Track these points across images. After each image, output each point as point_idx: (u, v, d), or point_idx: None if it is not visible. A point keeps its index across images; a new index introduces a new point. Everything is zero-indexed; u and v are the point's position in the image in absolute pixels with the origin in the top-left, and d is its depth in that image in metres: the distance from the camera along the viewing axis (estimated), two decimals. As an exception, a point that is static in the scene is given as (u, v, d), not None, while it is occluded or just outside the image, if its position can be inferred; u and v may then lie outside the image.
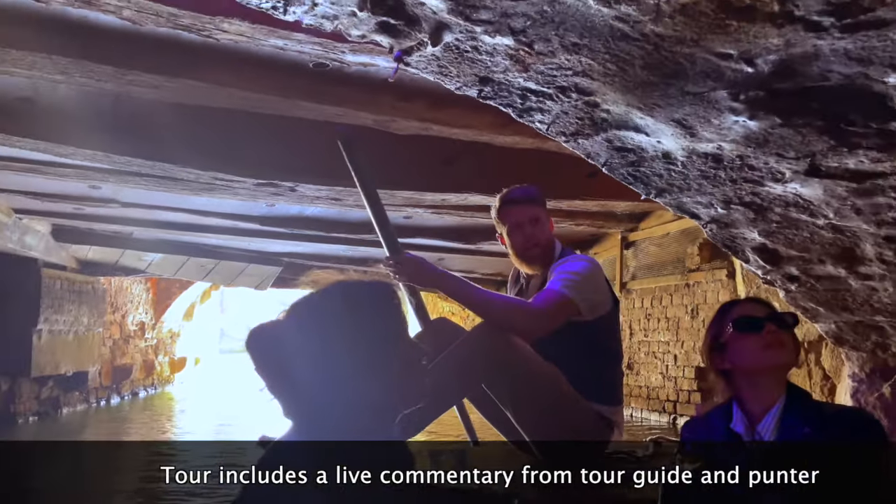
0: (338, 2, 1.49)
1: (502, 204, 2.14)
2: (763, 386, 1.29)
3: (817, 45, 1.18)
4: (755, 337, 1.30)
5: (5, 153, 3.38)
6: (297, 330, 0.95)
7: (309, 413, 0.94)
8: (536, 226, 2.10)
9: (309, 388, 0.93)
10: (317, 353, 0.93)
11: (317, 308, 0.97)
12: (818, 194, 1.72)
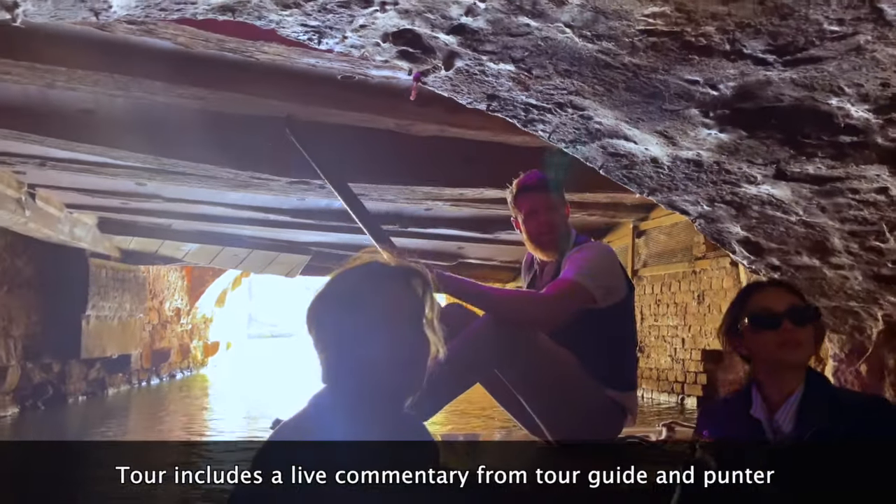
0: (364, 35, 1.72)
1: (518, 190, 2.09)
2: (781, 375, 1.25)
3: (767, 74, 1.38)
4: (771, 333, 1.24)
5: (65, 156, 3.68)
6: (330, 298, 1.01)
7: (336, 374, 0.98)
8: (552, 212, 2.06)
9: (337, 350, 0.98)
10: (340, 322, 0.98)
11: (340, 282, 1.02)
12: (787, 195, 1.91)
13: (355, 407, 0.97)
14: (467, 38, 1.59)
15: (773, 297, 1.30)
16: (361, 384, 0.97)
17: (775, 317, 1.25)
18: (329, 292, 1.02)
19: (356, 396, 0.97)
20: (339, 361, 0.98)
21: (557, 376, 1.91)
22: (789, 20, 1.17)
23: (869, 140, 1.49)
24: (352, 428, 0.96)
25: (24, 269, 6.18)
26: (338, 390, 0.98)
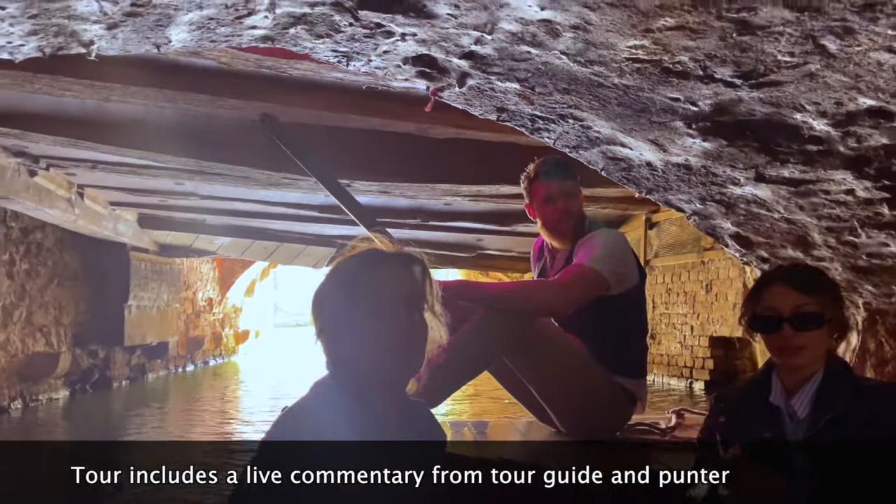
0: (387, 59, 1.93)
1: (535, 176, 2.04)
2: (797, 366, 1.21)
3: (737, 94, 1.56)
4: (772, 337, 1.22)
5: (113, 159, 3.96)
6: (328, 286, 1.02)
7: (335, 361, 0.99)
8: (570, 199, 2.02)
9: (335, 337, 0.98)
10: (336, 309, 0.99)
11: (338, 270, 1.02)
12: (769, 195, 2.08)
13: (354, 392, 0.96)
14: (477, 62, 1.79)
15: (779, 295, 1.24)
16: (357, 370, 0.96)
17: (777, 320, 1.21)
18: (328, 281, 1.02)
19: (353, 382, 0.96)
20: (337, 348, 0.98)
21: (566, 364, 1.86)
22: (748, 52, 1.35)
23: (832, 149, 1.66)
24: (350, 413, 0.94)
25: (72, 263, 6.53)
26: (337, 376, 0.98)
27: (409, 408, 1.02)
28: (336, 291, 1.00)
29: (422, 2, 1.50)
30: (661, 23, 1.32)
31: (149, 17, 1.56)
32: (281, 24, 1.72)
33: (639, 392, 1.99)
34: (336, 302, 0.99)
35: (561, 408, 1.91)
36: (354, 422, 0.93)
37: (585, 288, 1.87)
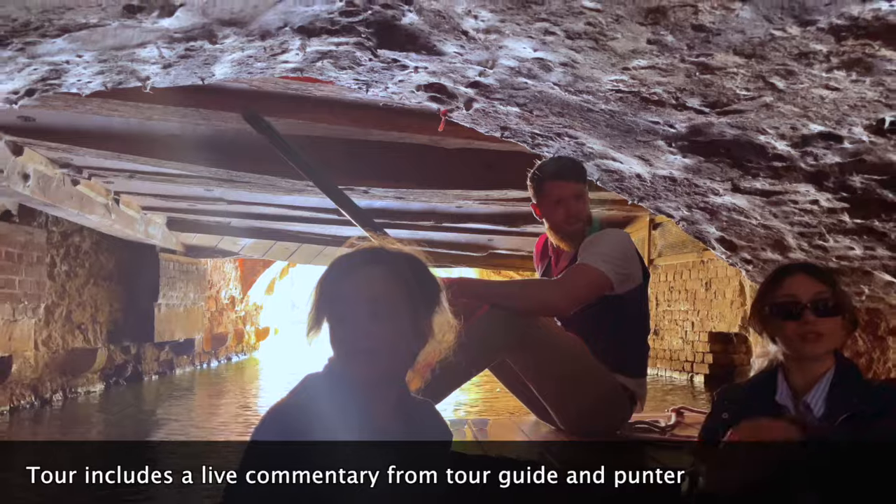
0: (402, 86, 2.15)
1: (548, 177, 1.99)
2: (807, 363, 1.20)
3: (708, 119, 1.76)
4: (793, 324, 1.19)
5: (149, 169, 4.22)
6: (321, 283, 1.00)
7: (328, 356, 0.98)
8: (579, 201, 1.97)
9: (329, 335, 0.97)
10: (326, 305, 0.98)
11: (331, 267, 1.00)
12: (746, 204, 2.27)
13: (345, 388, 0.94)
14: (481, 89, 2.00)
15: (799, 284, 1.22)
16: (346, 366, 0.95)
17: (797, 306, 1.19)
18: (322, 277, 1.00)
19: (343, 378, 0.95)
20: (331, 344, 0.97)
21: (566, 362, 1.82)
22: (711, 87, 1.55)
23: (794, 165, 1.85)
24: (338, 409, 0.92)
25: (107, 265, 6.83)
26: (328, 371, 0.97)
27: (410, 406, 0.99)
28: (327, 288, 0.98)
29: (431, 42, 1.72)
30: (636, 63, 1.52)
31: (198, 58, 1.79)
32: (309, 58, 1.95)
33: (639, 391, 1.94)
34: (327, 298, 0.97)
35: (561, 406, 1.87)
36: (341, 417, 0.91)
37: (589, 287, 1.83)
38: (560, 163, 2.05)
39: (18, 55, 1.45)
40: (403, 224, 6.72)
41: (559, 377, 1.84)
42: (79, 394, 5.96)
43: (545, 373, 1.84)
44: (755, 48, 1.31)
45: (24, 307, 4.67)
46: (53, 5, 1.24)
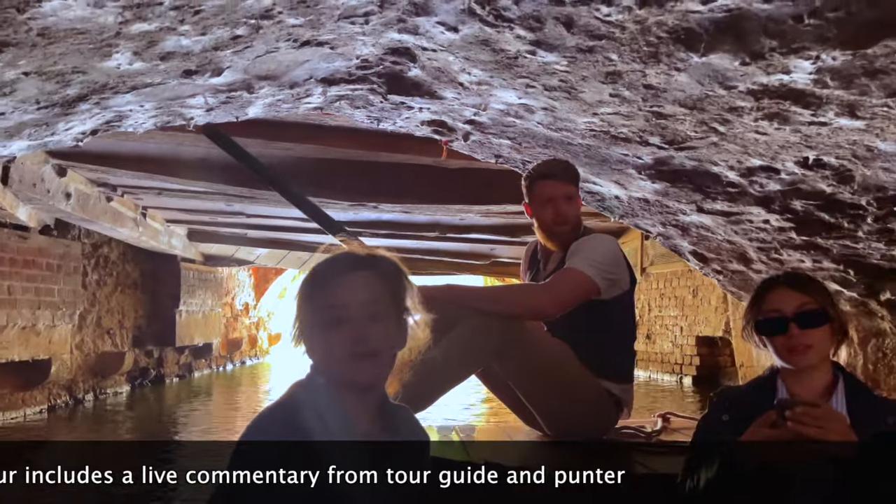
0: (408, 121, 2.42)
1: (539, 177, 1.94)
2: (805, 372, 1.16)
3: (669, 153, 2.02)
4: (780, 339, 1.15)
5: (177, 187, 4.51)
6: (299, 292, 0.98)
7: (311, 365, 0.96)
8: (569, 203, 1.92)
9: (306, 341, 0.96)
10: (304, 313, 0.96)
11: (308, 276, 0.99)
12: (710, 222, 2.52)
13: (328, 396, 0.93)
14: (477, 126, 2.28)
15: (782, 297, 1.18)
16: (344, 372, 0.93)
17: (782, 321, 1.15)
18: (307, 285, 0.98)
19: (326, 386, 0.94)
20: (308, 353, 0.96)
21: (551, 367, 1.80)
22: (667, 129, 1.82)
23: (745, 191, 2.11)
24: (324, 415, 0.91)
25: (132, 273, 7.14)
26: (312, 379, 0.96)
27: (389, 412, 0.97)
28: (305, 296, 0.96)
29: (433, 89, 1.99)
30: (603, 110, 1.79)
31: (236, 104, 2.07)
32: (329, 100, 2.23)
33: (625, 397, 1.91)
34: (305, 306, 0.95)
35: (547, 411, 1.84)
36: (328, 424, 0.90)
37: (574, 292, 1.81)
38: (552, 163, 2.00)
39: (93, 107, 1.74)
40: (410, 235, 7.00)
41: (545, 382, 1.80)
42: (108, 394, 6.25)
43: (531, 378, 1.79)
44: (695, 102, 1.58)
45: (62, 313, 4.96)
46: (129, 72, 1.52)
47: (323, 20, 1.44)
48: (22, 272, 4.27)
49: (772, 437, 1.05)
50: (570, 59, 1.49)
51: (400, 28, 1.54)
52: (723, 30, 1.22)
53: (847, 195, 1.86)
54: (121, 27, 1.21)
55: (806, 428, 1.03)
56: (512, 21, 1.34)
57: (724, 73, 1.37)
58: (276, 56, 1.66)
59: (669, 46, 1.32)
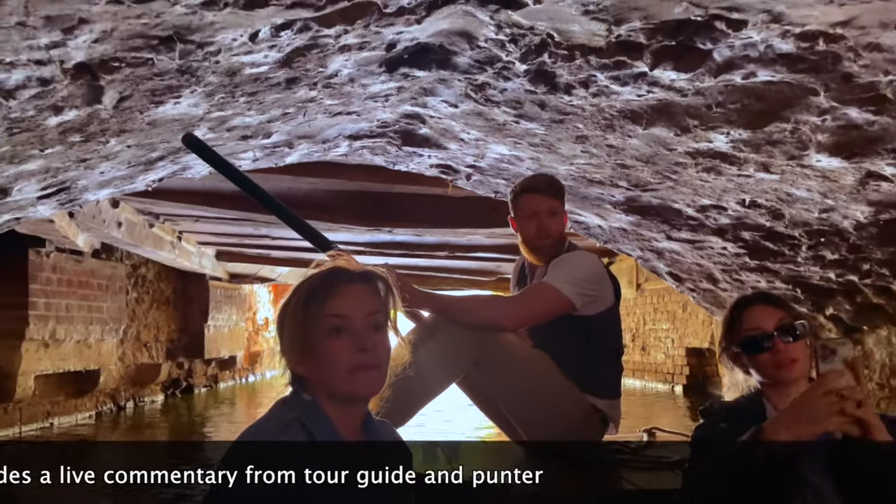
0: (419, 165, 2.78)
1: (522, 190, 1.87)
2: (788, 388, 1.12)
3: (636, 193, 2.35)
4: (766, 355, 1.12)
5: (212, 215, 4.91)
6: (288, 305, 0.94)
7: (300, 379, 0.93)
8: (552, 218, 1.85)
9: (297, 356, 0.92)
10: (295, 326, 0.92)
11: (298, 289, 0.95)
12: (680, 248, 2.85)
13: (315, 412, 0.90)
14: (476, 169, 2.63)
15: (760, 314, 1.16)
16: (323, 387, 0.90)
17: (766, 338, 1.13)
18: (288, 300, 0.94)
19: (313, 402, 0.91)
20: (299, 367, 0.91)
21: (532, 378, 1.73)
22: (631, 176, 2.15)
23: (703, 223, 2.44)
24: (312, 432, 0.88)
25: (166, 291, 7.54)
26: (297, 395, 0.92)
27: (374, 427, 0.95)
28: (296, 310, 0.92)
29: (440, 142, 2.35)
30: (578, 161, 2.13)
31: (277, 155, 2.44)
32: (353, 150, 2.59)
33: (612, 413, 1.84)
34: (296, 319, 0.91)
35: (529, 424, 1.76)
36: (315, 440, 0.88)
37: (543, 306, 1.73)
38: (536, 178, 1.94)
39: (168, 163, 2.11)
40: (421, 254, 7.36)
41: (525, 394, 1.74)
42: (145, 402, 6.61)
43: (511, 389, 1.72)
44: (648, 158, 1.92)
45: (109, 328, 5.35)
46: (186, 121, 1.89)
47: (353, 100, 1.80)
48: (77, 292, 4.67)
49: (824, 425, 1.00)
50: (547, 126, 1.84)
51: (412, 103, 1.90)
52: (657, 112, 1.56)
53: (782, 228, 2.18)
54: (205, 115, 1.58)
55: (874, 428, 0.99)
56: (499, 102, 1.70)
57: (664, 140, 1.72)
58: (314, 123, 2.02)
59: (620, 121, 1.67)
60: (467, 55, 1.43)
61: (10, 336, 4.01)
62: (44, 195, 1.91)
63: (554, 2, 1.08)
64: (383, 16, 1.12)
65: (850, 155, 1.48)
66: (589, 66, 1.35)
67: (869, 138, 1.39)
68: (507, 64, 1.42)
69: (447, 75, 1.56)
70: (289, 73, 1.39)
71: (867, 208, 1.78)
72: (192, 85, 1.26)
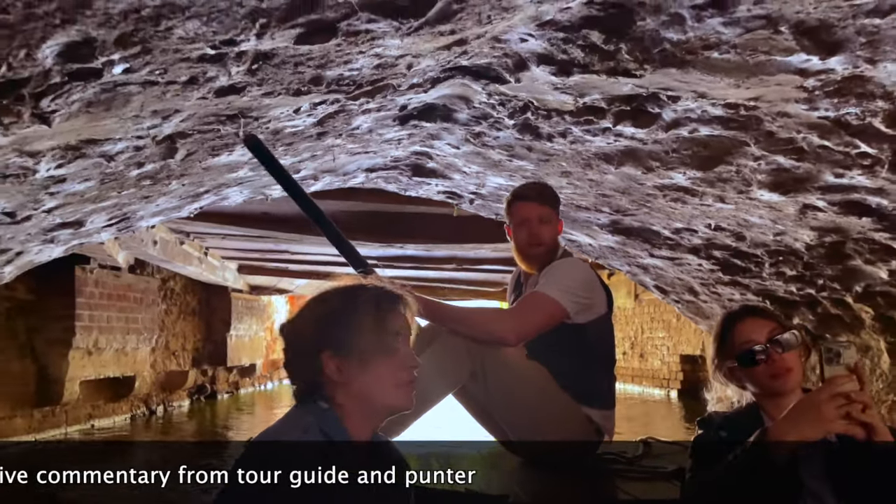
0: (427, 191, 3.05)
1: (513, 198, 1.83)
2: (783, 400, 1.10)
3: (618, 217, 2.61)
4: (762, 367, 1.10)
5: (238, 232, 5.21)
6: (317, 314, 0.92)
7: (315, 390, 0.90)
8: (543, 225, 1.79)
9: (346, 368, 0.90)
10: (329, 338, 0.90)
11: (329, 300, 0.93)
12: (662, 264, 3.09)
13: (333, 419, 0.89)
14: (478, 195, 2.89)
15: (752, 327, 1.14)
16: (386, 399, 0.90)
17: (760, 349, 1.10)
18: (316, 310, 0.92)
19: (330, 410, 0.89)
20: (334, 373, 0.89)
21: (528, 390, 1.69)
22: (611, 203, 2.41)
23: (679, 243, 2.68)
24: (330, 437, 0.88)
25: (192, 303, 7.86)
26: (316, 403, 0.90)
27: (379, 439, 0.95)
28: (362, 321, 0.90)
29: (445, 174, 2.62)
30: (566, 191, 2.38)
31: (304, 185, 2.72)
32: (369, 180, 2.87)
33: (606, 424, 1.79)
34: (360, 330, 0.90)
35: (524, 435, 1.73)
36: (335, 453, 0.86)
37: (541, 317, 1.68)
38: (529, 185, 1.89)
39: (212, 195, 2.40)
40: (430, 266, 7.63)
41: (521, 405, 1.70)
42: (174, 407, 6.91)
43: (506, 400, 1.69)
44: (624, 189, 2.18)
45: (143, 338, 5.65)
46: (243, 178, 2.17)
47: (370, 144, 2.08)
48: (116, 304, 4.98)
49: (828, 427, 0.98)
50: (535, 164, 2.10)
51: (421, 144, 2.17)
52: (625, 155, 1.82)
53: (746, 248, 2.42)
54: (249, 160, 1.86)
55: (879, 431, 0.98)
56: (493, 146, 1.97)
57: (634, 176, 1.97)
58: (337, 160, 2.30)
59: (596, 161, 1.93)
60: (465, 112, 1.70)
61: (58, 345, 4.32)
62: (108, 224, 2.19)
63: (531, 80, 1.35)
64: (397, 90, 1.40)
65: (786, 191, 1.73)
66: (564, 121, 1.61)
67: (797, 179, 1.64)
68: (497, 119, 1.69)
69: (449, 126, 1.84)
70: (320, 129, 1.67)
71: (811, 232, 2.02)
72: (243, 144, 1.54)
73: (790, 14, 0.95)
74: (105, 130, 1.13)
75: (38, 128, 0.96)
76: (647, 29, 1.04)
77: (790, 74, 1.14)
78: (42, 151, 1.13)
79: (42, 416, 4.37)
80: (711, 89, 1.25)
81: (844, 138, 1.36)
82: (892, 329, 2.45)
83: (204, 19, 0.79)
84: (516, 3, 0.94)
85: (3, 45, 0.70)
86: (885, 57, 1.03)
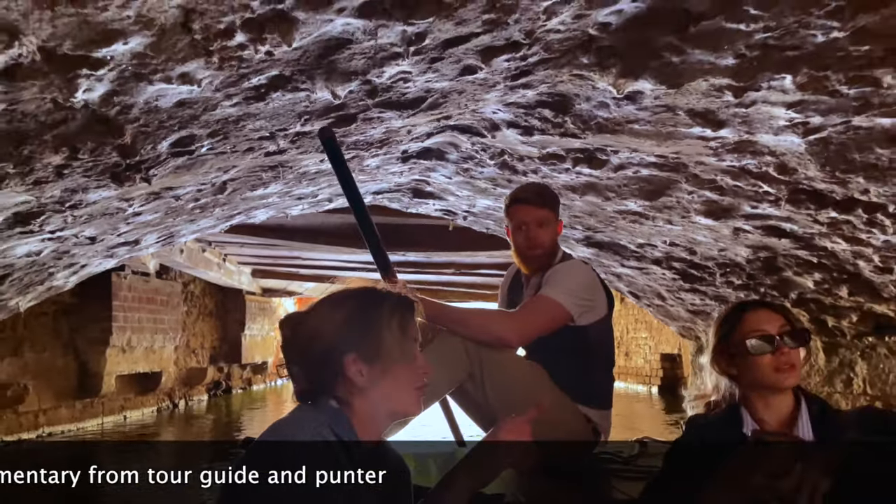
0: (426, 209, 3.38)
1: (512, 201, 1.79)
2: (773, 397, 1.08)
3: (590, 234, 2.93)
4: (768, 357, 1.06)
5: (255, 241, 5.55)
6: (331, 316, 0.90)
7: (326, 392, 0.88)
8: (542, 228, 1.75)
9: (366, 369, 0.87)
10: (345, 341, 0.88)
11: (330, 303, 0.92)
12: (632, 273, 3.40)
13: (343, 419, 0.87)
14: (470, 213, 3.22)
15: (765, 318, 1.10)
16: (402, 405, 0.89)
17: (771, 339, 1.07)
18: (336, 313, 0.90)
19: (341, 410, 0.88)
20: (357, 375, 0.88)
21: (526, 390, 1.66)
22: (584, 223, 2.73)
23: (644, 255, 3.00)
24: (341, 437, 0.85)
25: (209, 305, 8.20)
26: (325, 402, 0.88)
27: (379, 443, 0.94)
28: (391, 324, 0.90)
29: (441, 196, 2.94)
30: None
31: (319, 206, 3.05)
32: (376, 199, 3.20)
33: (602, 423, 1.77)
34: (388, 334, 0.89)
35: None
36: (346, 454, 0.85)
37: (542, 320, 1.67)
38: (527, 188, 1.83)
39: (243, 216, 2.73)
40: (431, 271, 7.95)
41: (519, 405, 1.64)
42: (194, 401, 7.24)
43: (504, 400, 1.64)
44: (591, 212, 2.50)
45: (168, 337, 5.99)
46: (270, 202, 2.51)
47: (377, 175, 2.41)
48: (145, 307, 5.32)
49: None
50: (516, 191, 2.43)
51: (420, 174, 2.50)
52: (587, 187, 2.15)
53: (699, 260, 2.74)
54: (279, 191, 2.19)
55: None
56: (479, 178, 2.30)
57: (597, 203, 2.30)
58: (349, 187, 2.63)
59: (565, 191, 2.25)
60: (455, 154, 2.03)
61: (98, 343, 4.66)
62: (157, 241, 2.53)
63: (503, 137, 1.68)
64: (399, 144, 1.73)
65: (717, 217, 2.06)
66: (535, 163, 1.94)
67: (724, 208, 1.97)
68: (481, 160, 2.02)
69: (443, 163, 2.17)
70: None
71: (747, 249, 2.34)
72: (277, 181, 1.88)
73: (683, 104, 1.28)
74: (181, 181, 1.47)
75: (141, 184, 1.29)
76: (584, 109, 1.37)
77: (695, 140, 1.47)
78: (134, 197, 1.46)
79: (83, 407, 4.70)
80: (640, 146, 1.57)
81: (750, 181, 1.69)
82: (825, 331, 2.77)
83: (268, 118, 1.12)
84: (485, 96, 1.27)
85: (139, 143, 1.03)
86: (758, 130, 1.36)
